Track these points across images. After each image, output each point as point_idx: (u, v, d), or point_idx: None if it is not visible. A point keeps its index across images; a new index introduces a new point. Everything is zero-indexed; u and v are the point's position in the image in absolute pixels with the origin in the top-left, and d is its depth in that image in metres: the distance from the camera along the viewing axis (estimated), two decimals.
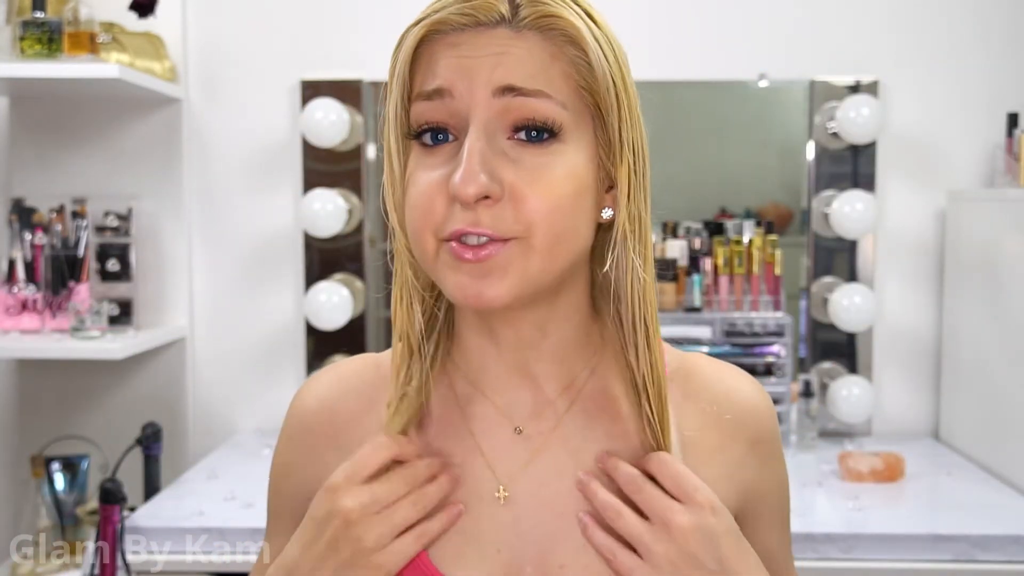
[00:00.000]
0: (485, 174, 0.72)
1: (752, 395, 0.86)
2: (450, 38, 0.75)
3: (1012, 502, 1.92)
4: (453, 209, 0.73)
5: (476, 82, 0.73)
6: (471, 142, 0.73)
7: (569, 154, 0.75)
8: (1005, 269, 2.07)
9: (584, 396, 0.83)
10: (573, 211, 0.75)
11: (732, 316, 2.26)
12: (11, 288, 2.18)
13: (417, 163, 0.76)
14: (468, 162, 0.72)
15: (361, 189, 2.37)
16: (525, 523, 0.80)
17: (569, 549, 0.79)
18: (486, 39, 0.74)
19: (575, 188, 0.75)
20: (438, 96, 0.74)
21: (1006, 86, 2.33)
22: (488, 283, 0.73)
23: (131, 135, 2.35)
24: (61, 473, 2.12)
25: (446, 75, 0.74)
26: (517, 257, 0.73)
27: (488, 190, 0.72)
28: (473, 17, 0.74)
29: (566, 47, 0.75)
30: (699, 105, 2.46)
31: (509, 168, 0.73)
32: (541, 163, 0.74)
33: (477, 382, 0.84)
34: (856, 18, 2.36)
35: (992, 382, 2.13)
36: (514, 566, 0.79)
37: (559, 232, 0.74)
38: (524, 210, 0.73)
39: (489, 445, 0.82)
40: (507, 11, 0.74)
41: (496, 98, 0.73)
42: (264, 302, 2.41)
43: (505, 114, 0.74)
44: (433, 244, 0.75)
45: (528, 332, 0.81)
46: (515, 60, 0.73)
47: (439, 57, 0.75)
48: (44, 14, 1.99)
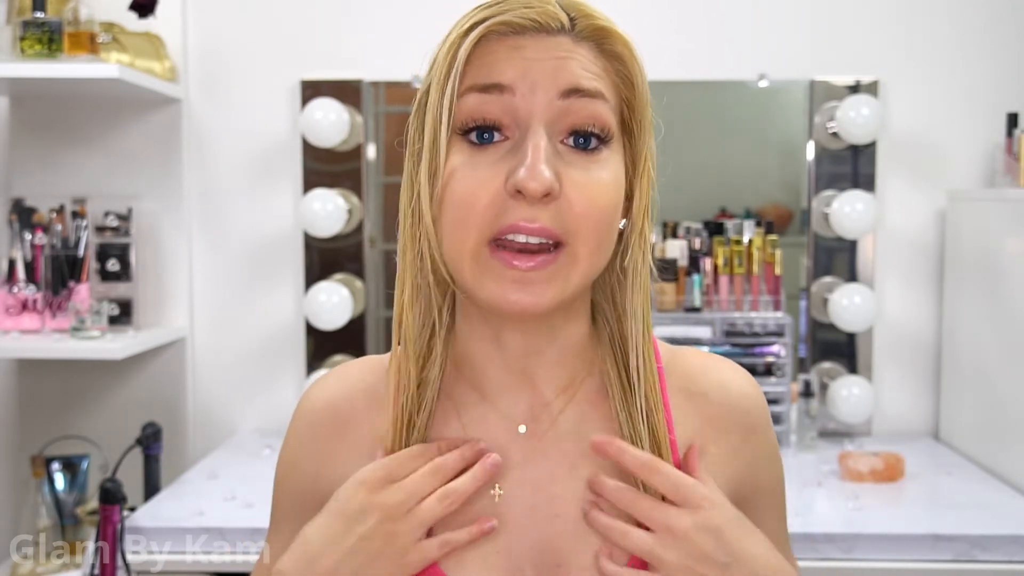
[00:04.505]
0: (550, 171, 0.73)
1: (743, 386, 0.87)
2: (510, 40, 0.76)
3: (1012, 502, 1.92)
4: (508, 205, 0.74)
5: (541, 82, 0.75)
6: (535, 139, 0.74)
7: (613, 162, 0.78)
8: (1005, 269, 2.07)
9: (580, 396, 0.84)
10: (613, 220, 0.78)
11: (732, 316, 2.26)
12: (11, 288, 2.18)
13: (464, 160, 0.76)
14: (535, 157, 0.73)
15: (361, 189, 2.37)
16: (522, 525, 0.81)
17: (566, 549, 0.80)
18: (549, 44, 0.76)
19: (617, 197, 0.78)
20: (496, 91, 0.75)
21: (1006, 86, 2.33)
22: (530, 292, 0.75)
23: (131, 135, 2.35)
24: (61, 473, 2.12)
25: (508, 72, 0.75)
26: (563, 268, 0.75)
27: (552, 187, 0.73)
28: (536, 22, 0.76)
29: (614, 62, 0.78)
30: (699, 105, 2.46)
31: (565, 170, 0.75)
32: (592, 169, 0.76)
33: (477, 385, 0.84)
34: (856, 18, 2.36)
35: (992, 382, 2.12)
36: (512, 567, 0.80)
37: (601, 240, 0.77)
38: (574, 213, 0.74)
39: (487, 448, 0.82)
40: (567, 21, 0.77)
41: (560, 100, 0.75)
42: (264, 302, 2.41)
43: (564, 117, 0.76)
44: (474, 243, 0.75)
45: (536, 338, 0.82)
46: (578, 64, 0.76)
47: (500, 56, 0.76)
48: (44, 14, 1.99)
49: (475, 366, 0.84)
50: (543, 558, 0.80)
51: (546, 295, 0.75)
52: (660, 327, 2.23)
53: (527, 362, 0.82)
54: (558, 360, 0.83)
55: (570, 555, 0.79)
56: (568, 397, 0.83)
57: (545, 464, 0.82)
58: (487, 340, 0.83)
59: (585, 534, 0.80)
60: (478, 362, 0.84)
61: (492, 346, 0.83)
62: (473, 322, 0.83)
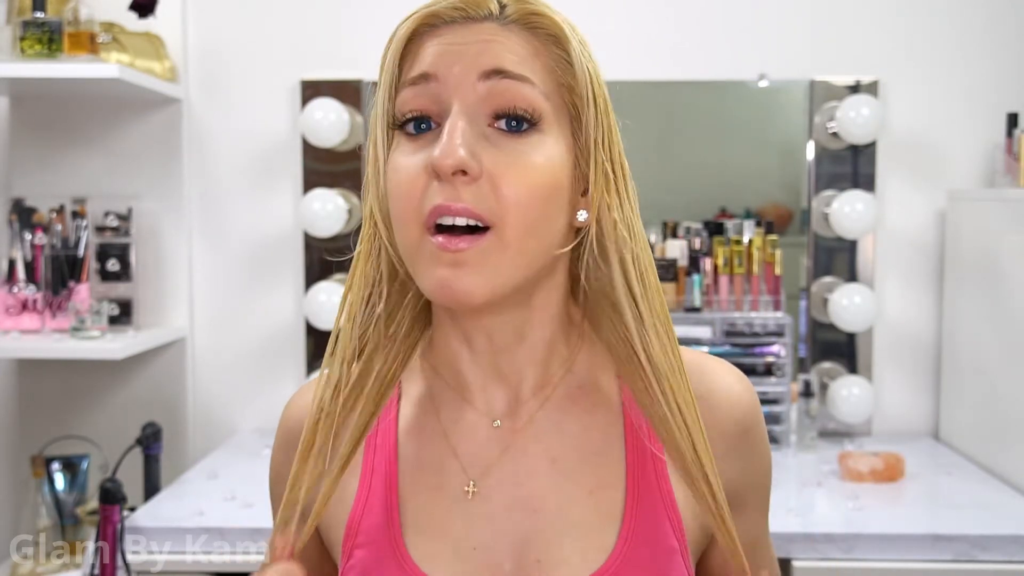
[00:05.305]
0: (465, 149, 0.73)
1: (734, 386, 0.86)
2: (439, 31, 0.77)
3: (1012, 502, 1.92)
4: (433, 187, 0.74)
5: (461, 66, 0.75)
6: (453, 119, 0.74)
7: (547, 145, 0.76)
8: (1005, 269, 2.07)
9: (559, 393, 0.84)
10: (547, 203, 0.76)
11: (732, 316, 2.26)
12: (11, 288, 2.18)
13: (399, 151, 0.78)
14: (449, 136, 0.74)
15: (361, 189, 2.37)
16: (500, 520, 0.81)
17: (543, 544, 0.80)
18: (474, 30, 0.76)
19: (551, 180, 0.76)
20: (423, 81, 0.76)
21: (1006, 86, 2.33)
22: (463, 276, 0.74)
23: (131, 135, 2.35)
24: (61, 473, 2.12)
25: (432, 60, 0.76)
26: (492, 252, 0.74)
27: (466, 164, 0.73)
28: (463, 11, 0.76)
29: (549, 45, 0.77)
30: (699, 105, 2.46)
31: (489, 151, 0.75)
32: (520, 150, 0.75)
33: (452, 383, 0.85)
34: (856, 18, 2.36)
35: (992, 382, 2.12)
36: (491, 563, 0.80)
37: (532, 223, 0.75)
38: (500, 194, 0.74)
39: (463, 446, 0.83)
40: (496, 8, 0.77)
41: (481, 82, 0.75)
42: (264, 302, 2.41)
43: (489, 99, 0.75)
44: (416, 233, 0.75)
45: (502, 337, 0.82)
46: (502, 47, 0.76)
47: (426, 47, 0.77)
48: (44, 14, 1.99)
49: (450, 365, 0.84)
50: (522, 553, 0.80)
51: (478, 281, 0.74)
52: None
53: (498, 360, 0.83)
54: (530, 360, 0.83)
55: (549, 550, 0.80)
56: (545, 395, 0.84)
57: (523, 460, 0.82)
58: (458, 339, 0.83)
59: (564, 529, 0.80)
60: (452, 361, 0.84)
61: (463, 345, 0.83)
62: (442, 319, 0.84)
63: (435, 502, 0.82)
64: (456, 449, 0.83)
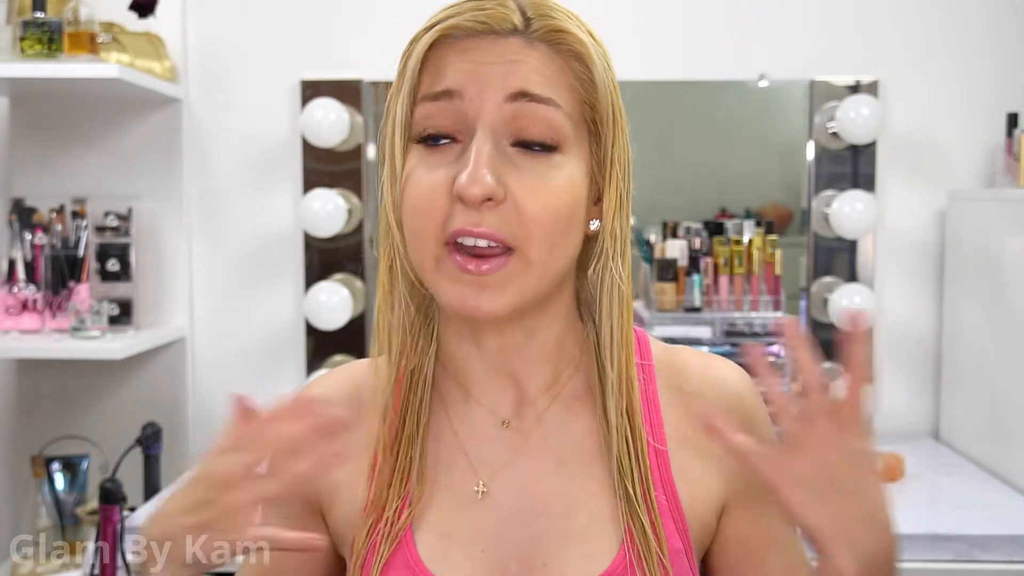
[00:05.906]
0: (491, 176, 0.73)
1: (736, 382, 0.86)
2: (462, 43, 0.76)
3: (1012, 502, 1.92)
4: (455, 209, 0.74)
5: (488, 86, 0.75)
6: (479, 143, 0.74)
7: (569, 167, 0.77)
8: (1005, 269, 2.07)
9: (566, 393, 0.84)
10: (568, 223, 0.77)
11: (732, 316, 2.26)
12: (11, 288, 2.17)
13: (418, 161, 0.77)
14: (476, 163, 0.73)
15: (361, 189, 2.37)
16: (507, 522, 0.81)
17: (549, 547, 0.80)
18: (500, 47, 0.75)
19: (572, 201, 0.77)
20: (446, 97, 0.75)
21: (1006, 86, 2.33)
22: (486, 296, 0.75)
23: (131, 135, 2.35)
24: (61, 473, 2.12)
25: (457, 78, 0.75)
26: (517, 273, 0.75)
27: (493, 192, 0.73)
28: (487, 25, 0.76)
29: (572, 62, 0.77)
30: (699, 105, 2.46)
31: (513, 174, 0.75)
32: (543, 173, 0.75)
33: (461, 383, 0.85)
34: (856, 18, 2.36)
35: (992, 382, 2.12)
36: (499, 565, 0.80)
37: (554, 243, 0.76)
38: (524, 218, 0.74)
39: (472, 445, 0.83)
40: (520, 22, 0.76)
41: (508, 103, 0.75)
42: (264, 302, 2.41)
43: (514, 120, 0.75)
44: (433, 249, 0.75)
45: (514, 338, 0.82)
46: (529, 68, 0.75)
47: (449, 60, 0.76)
48: (44, 14, 1.99)
49: (458, 365, 0.85)
50: (529, 555, 0.80)
51: (501, 301, 0.75)
52: (660, 327, 2.23)
53: (507, 360, 0.83)
54: (540, 357, 0.83)
55: (555, 554, 0.80)
56: (553, 395, 0.84)
57: (531, 462, 0.82)
58: (466, 340, 0.83)
59: (569, 533, 0.80)
60: (460, 361, 0.84)
61: (472, 345, 0.83)
62: (452, 322, 0.84)
63: (445, 502, 0.82)
64: (465, 448, 0.83)
